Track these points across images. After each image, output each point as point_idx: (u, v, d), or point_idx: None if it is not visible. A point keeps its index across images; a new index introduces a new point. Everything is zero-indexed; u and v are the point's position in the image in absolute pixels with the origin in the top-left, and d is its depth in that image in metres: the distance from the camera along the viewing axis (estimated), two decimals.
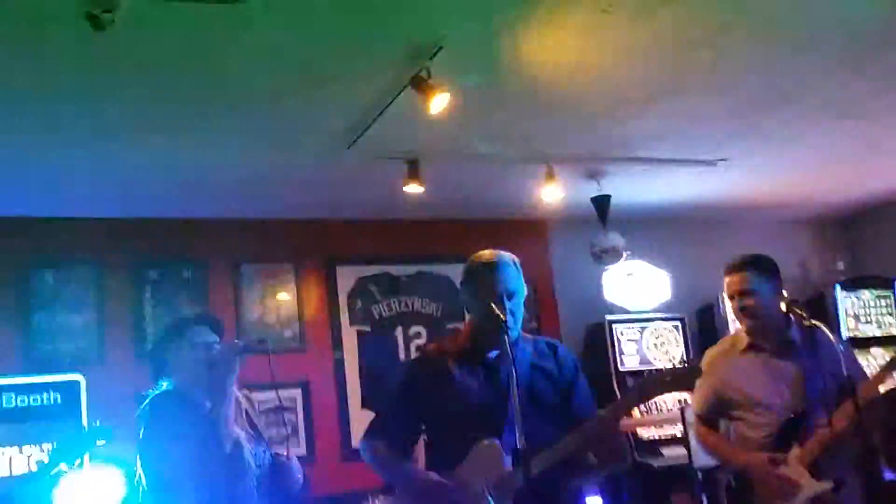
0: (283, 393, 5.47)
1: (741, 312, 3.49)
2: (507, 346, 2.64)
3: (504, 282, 2.85)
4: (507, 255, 2.94)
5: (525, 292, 2.94)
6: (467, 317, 3.06)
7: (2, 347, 5.10)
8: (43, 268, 5.29)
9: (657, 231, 6.56)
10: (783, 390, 3.40)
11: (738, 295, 3.46)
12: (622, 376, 6.06)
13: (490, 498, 2.71)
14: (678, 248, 6.65)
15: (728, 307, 4.43)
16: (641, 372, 5.85)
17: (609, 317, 6.18)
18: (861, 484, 3.35)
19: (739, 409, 3.48)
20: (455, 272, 6.24)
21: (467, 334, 3.01)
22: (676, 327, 6.35)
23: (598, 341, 6.22)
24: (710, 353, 3.66)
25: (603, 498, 5.24)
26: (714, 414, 3.61)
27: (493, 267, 2.88)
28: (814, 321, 3.25)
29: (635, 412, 5.70)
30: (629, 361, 6.14)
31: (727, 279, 3.52)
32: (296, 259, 5.91)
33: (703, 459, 4.37)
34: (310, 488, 3.49)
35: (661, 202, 6.31)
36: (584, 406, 2.90)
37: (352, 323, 5.91)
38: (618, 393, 5.84)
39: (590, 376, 3.06)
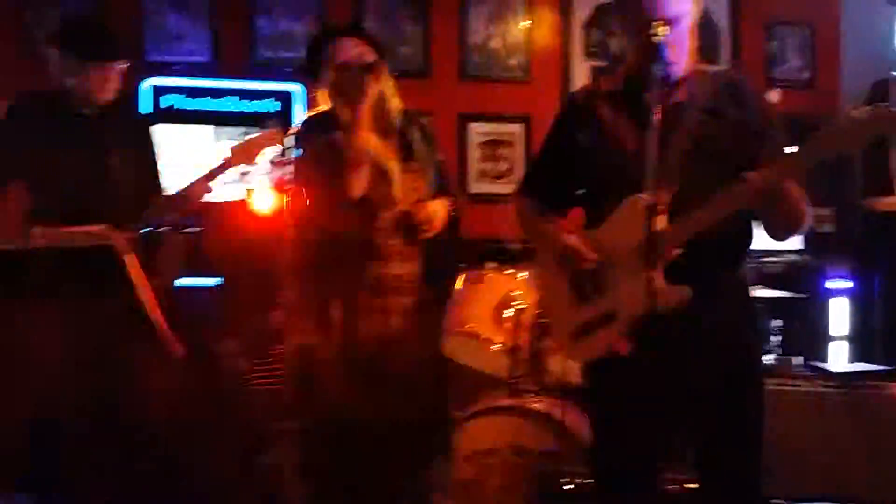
0: (503, 127, 5.23)
1: None
2: (654, 75, 2.15)
3: (666, 3, 2.26)
4: None
5: (694, 16, 2.34)
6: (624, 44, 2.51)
7: (229, 50, 5.05)
8: None
9: None
10: None
11: None
12: None
13: (633, 264, 2.24)
14: None
15: None
16: None
17: None
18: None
19: None
20: (716, 4, 5.58)
21: (623, 72, 2.46)
22: None
23: (883, 100, 5.18)
24: None
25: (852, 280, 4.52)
26: None
27: None
28: None
29: None
30: None
31: None
32: None
33: None
34: None
35: None
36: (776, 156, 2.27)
37: (585, 56, 5.24)
38: (894, 166, 4.94)
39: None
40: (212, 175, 3.27)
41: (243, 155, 3.31)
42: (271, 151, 3.37)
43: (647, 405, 2.31)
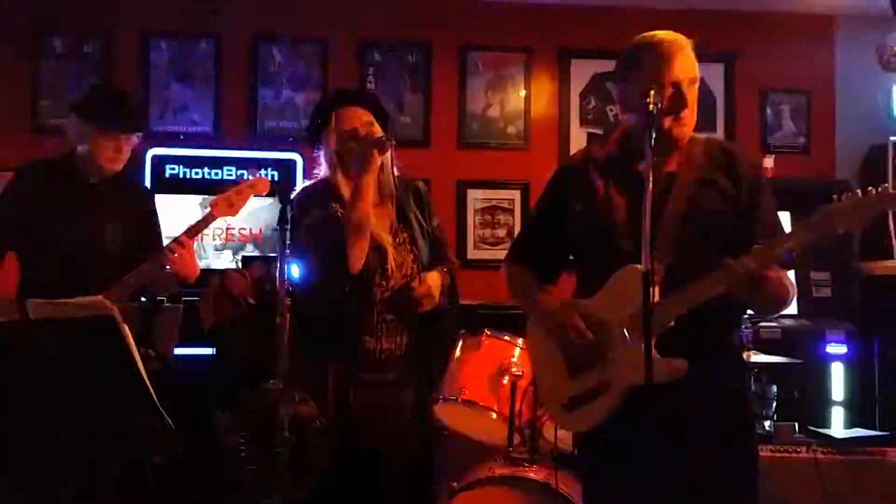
0: (501, 193, 5.29)
1: None
2: (650, 140, 2.13)
3: (683, 65, 2.28)
4: (685, 38, 2.33)
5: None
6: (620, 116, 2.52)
7: (232, 120, 5.17)
8: (270, 43, 5.18)
9: None
10: None
11: None
12: None
13: (628, 336, 2.26)
14: None
15: None
16: None
17: (895, 138, 5.15)
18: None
19: None
20: (711, 72, 5.65)
21: (617, 138, 2.48)
22: None
23: (878, 165, 5.22)
24: None
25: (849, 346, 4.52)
26: None
27: (669, 46, 2.29)
28: None
29: None
30: None
31: None
32: (526, 49, 5.35)
33: None
34: None
35: None
36: (766, 232, 2.28)
37: (582, 124, 5.32)
38: (893, 229, 4.95)
39: None
40: (196, 228, 3.23)
41: (226, 206, 3.26)
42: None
43: (640, 474, 2.28)
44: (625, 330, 2.28)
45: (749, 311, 2.53)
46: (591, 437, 2.42)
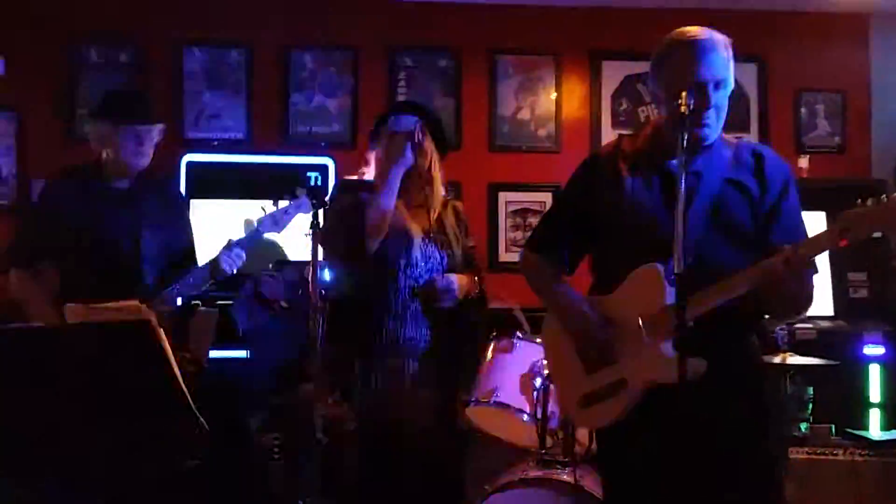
0: (533, 196, 5.27)
1: None
2: (682, 143, 2.12)
3: (711, 66, 2.27)
4: (721, 36, 2.33)
5: (731, 87, 2.36)
6: (653, 113, 2.51)
7: (264, 126, 5.21)
8: (301, 50, 5.22)
9: None
10: None
11: None
12: None
13: (645, 335, 2.26)
14: None
15: None
16: None
17: None
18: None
19: None
20: (744, 72, 5.60)
21: (647, 134, 2.48)
22: None
23: None
24: None
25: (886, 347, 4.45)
26: None
27: (698, 45, 2.29)
28: None
29: None
30: None
31: None
32: (556, 51, 5.34)
33: None
34: None
35: None
36: (789, 235, 2.27)
37: (614, 126, 5.31)
38: None
39: None
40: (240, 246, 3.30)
41: (272, 223, 3.32)
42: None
43: (658, 474, 2.25)
44: (642, 328, 2.28)
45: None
46: (609, 434, 2.43)
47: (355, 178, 3.36)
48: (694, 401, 2.13)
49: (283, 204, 3.32)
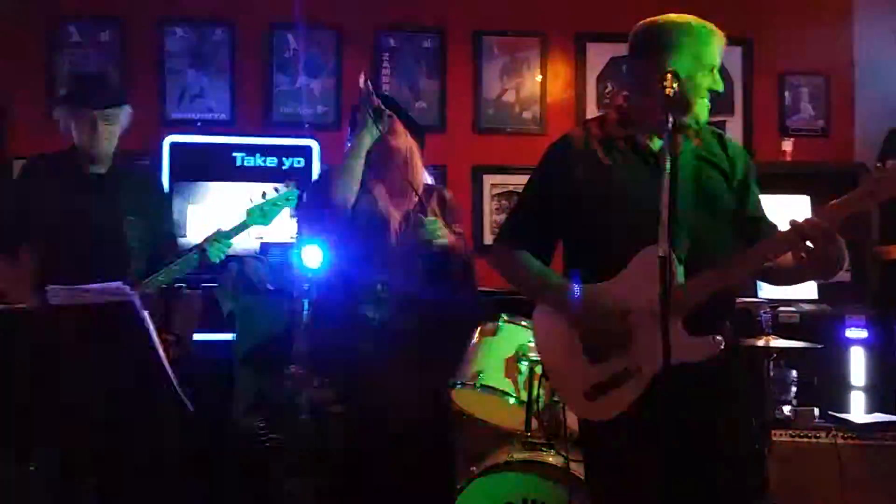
0: (517, 178, 5.25)
1: None
2: (669, 126, 2.15)
3: (720, 53, 2.40)
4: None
5: None
6: (619, 95, 2.58)
7: (248, 107, 5.16)
8: (285, 30, 5.16)
9: None
10: None
11: None
12: None
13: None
14: None
15: None
16: None
17: None
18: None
19: None
20: (728, 55, 5.56)
21: (614, 118, 2.47)
22: None
23: None
24: None
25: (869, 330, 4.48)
26: None
27: (711, 32, 2.41)
28: None
29: None
30: None
31: None
32: (542, 33, 5.32)
33: None
34: None
35: None
36: (761, 209, 2.43)
37: (599, 108, 5.29)
38: None
39: None
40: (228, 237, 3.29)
41: (260, 215, 3.32)
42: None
43: (638, 457, 2.26)
44: (651, 313, 2.19)
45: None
46: (592, 432, 2.45)
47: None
48: (670, 385, 2.12)
49: (270, 195, 3.31)
